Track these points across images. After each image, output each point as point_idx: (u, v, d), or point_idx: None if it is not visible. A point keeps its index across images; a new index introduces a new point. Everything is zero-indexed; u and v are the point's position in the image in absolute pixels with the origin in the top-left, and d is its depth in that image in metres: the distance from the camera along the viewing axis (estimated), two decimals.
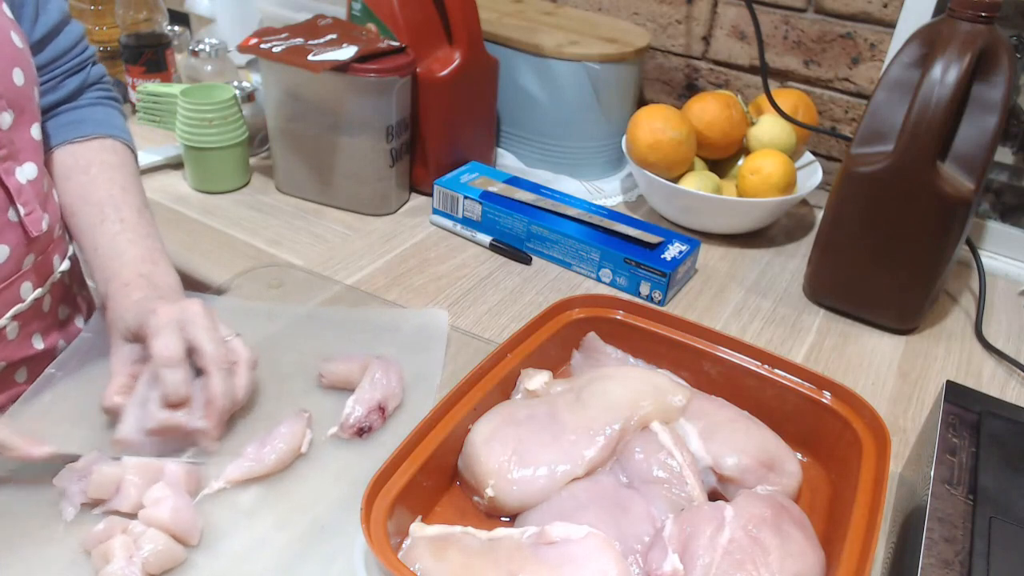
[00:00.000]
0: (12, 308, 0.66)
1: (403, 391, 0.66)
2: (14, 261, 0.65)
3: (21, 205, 0.64)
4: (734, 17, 1.10)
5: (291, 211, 0.97)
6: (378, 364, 0.65)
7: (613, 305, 0.71)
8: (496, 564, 0.49)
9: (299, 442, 0.59)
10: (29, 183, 0.65)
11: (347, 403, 0.62)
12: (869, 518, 0.51)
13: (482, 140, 1.05)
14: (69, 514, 0.53)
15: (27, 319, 0.69)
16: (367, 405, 0.62)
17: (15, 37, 0.64)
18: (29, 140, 0.66)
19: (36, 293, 0.68)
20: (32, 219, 0.65)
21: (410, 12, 0.95)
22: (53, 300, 0.72)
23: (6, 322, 0.66)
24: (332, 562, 0.52)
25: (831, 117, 1.09)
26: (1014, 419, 0.58)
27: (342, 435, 0.62)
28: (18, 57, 0.64)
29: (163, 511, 0.52)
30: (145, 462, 0.55)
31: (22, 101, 0.64)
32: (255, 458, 0.58)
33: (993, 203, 0.99)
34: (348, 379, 0.65)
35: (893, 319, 0.83)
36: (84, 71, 0.77)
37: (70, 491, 0.54)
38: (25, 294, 0.67)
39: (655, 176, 0.95)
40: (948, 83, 0.71)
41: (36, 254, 0.68)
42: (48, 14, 0.72)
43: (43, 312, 0.71)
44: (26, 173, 0.65)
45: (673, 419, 0.61)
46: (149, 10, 1.13)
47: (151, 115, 1.01)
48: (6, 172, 0.63)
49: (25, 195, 0.65)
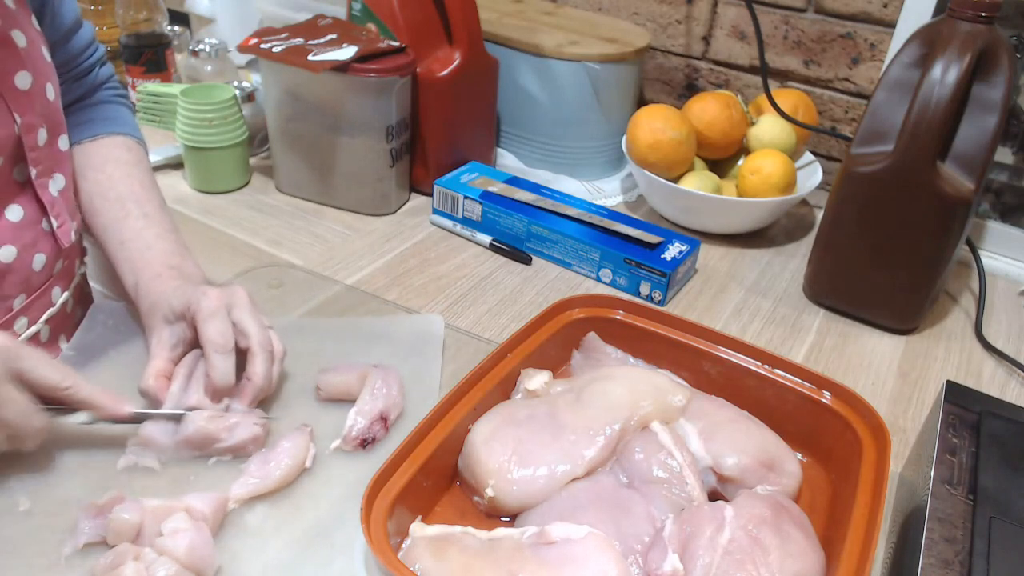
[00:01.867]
0: (46, 312, 0.68)
1: (404, 399, 0.65)
2: (48, 269, 0.67)
3: (54, 217, 0.66)
4: (734, 17, 1.10)
5: (291, 211, 0.97)
6: (377, 373, 0.64)
7: (613, 305, 0.71)
8: (496, 564, 0.49)
9: (303, 456, 0.58)
10: (60, 194, 0.67)
11: (349, 415, 0.61)
12: (869, 518, 0.51)
13: (482, 140, 1.05)
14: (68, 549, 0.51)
15: (56, 323, 0.70)
16: (369, 416, 0.61)
17: (45, 52, 0.65)
18: (59, 152, 0.67)
19: (64, 297, 0.70)
20: (63, 231, 0.67)
21: (410, 12, 0.95)
22: (74, 302, 0.74)
23: (40, 327, 0.68)
24: (332, 562, 0.52)
25: (831, 117, 1.09)
26: (1014, 419, 0.58)
27: (345, 447, 0.60)
28: (49, 72, 0.65)
29: (180, 545, 0.49)
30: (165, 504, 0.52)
31: (54, 115, 0.66)
32: (260, 475, 0.56)
33: (993, 203, 0.99)
34: (347, 390, 0.64)
35: (893, 319, 0.83)
36: (94, 72, 0.78)
37: (81, 526, 0.52)
38: (55, 298, 0.69)
39: (655, 176, 0.95)
40: (948, 83, 0.71)
41: (63, 260, 0.70)
42: (62, 16, 0.72)
43: (67, 314, 0.73)
44: (57, 184, 0.67)
45: (673, 419, 0.61)
46: (149, 10, 1.13)
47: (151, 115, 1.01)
48: (41, 187, 0.65)
49: (57, 207, 0.66)
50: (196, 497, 0.53)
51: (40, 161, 0.64)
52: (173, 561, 0.49)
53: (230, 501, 0.55)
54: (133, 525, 0.51)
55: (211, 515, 0.52)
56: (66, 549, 0.51)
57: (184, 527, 0.50)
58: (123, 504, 0.52)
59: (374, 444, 0.61)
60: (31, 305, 0.67)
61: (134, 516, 0.51)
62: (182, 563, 0.49)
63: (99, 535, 0.51)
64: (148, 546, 0.50)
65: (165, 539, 0.50)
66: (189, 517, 0.51)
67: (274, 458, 0.57)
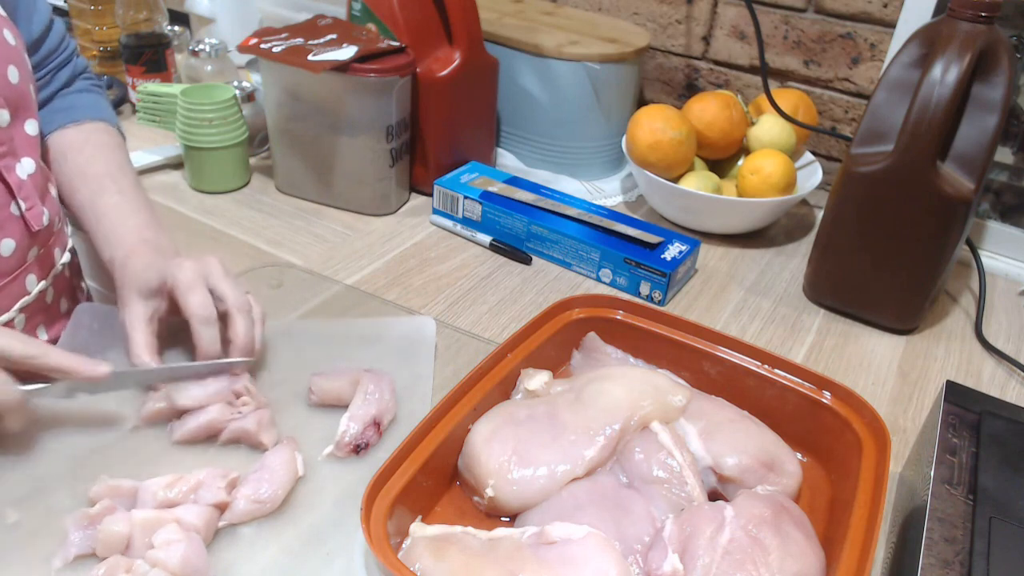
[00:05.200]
0: (19, 300, 0.68)
1: (396, 404, 0.64)
2: (19, 254, 0.67)
3: (22, 200, 0.66)
4: (734, 17, 1.10)
5: (291, 211, 0.97)
6: (369, 378, 0.63)
7: (613, 305, 0.71)
8: (496, 564, 0.49)
9: (294, 468, 0.57)
10: (29, 177, 0.67)
11: (341, 420, 0.60)
12: (869, 518, 0.51)
13: (482, 140, 1.05)
14: (58, 563, 0.50)
15: (33, 311, 0.70)
16: (362, 421, 0.60)
17: (8, 35, 0.65)
18: (26, 136, 0.68)
19: (40, 285, 0.70)
20: (33, 214, 0.67)
21: (410, 12, 0.94)
22: (56, 292, 0.74)
23: (14, 314, 0.67)
24: (332, 562, 0.52)
25: (831, 117, 1.09)
26: (1014, 419, 0.58)
27: (338, 453, 0.59)
28: (11, 54, 0.65)
29: (173, 556, 0.48)
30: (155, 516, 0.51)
31: (17, 98, 0.66)
32: (255, 499, 0.54)
33: (993, 203, 0.99)
34: (339, 395, 0.63)
35: (893, 319, 0.83)
36: (72, 63, 0.81)
37: (71, 538, 0.51)
38: (31, 286, 0.69)
39: (655, 176, 0.95)
40: (948, 83, 0.71)
41: (39, 247, 0.69)
42: (40, 12, 0.75)
43: (47, 304, 0.72)
44: (25, 168, 0.67)
45: (673, 419, 0.61)
46: (149, 10, 1.13)
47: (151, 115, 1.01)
48: (7, 168, 0.65)
49: (25, 190, 0.66)
50: (186, 509, 0.52)
51: (2, 142, 0.64)
52: (166, 573, 0.48)
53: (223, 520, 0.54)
54: (123, 536, 0.50)
55: (203, 527, 0.52)
56: (56, 562, 0.50)
57: (176, 538, 0.50)
58: (113, 515, 0.51)
59: (367, 450, 0.60)
60: (1, 292, 0.66)
61: (123, 527, 0.50)
62: (176, 574, 0.48)
63: (89, 547, 0.50)
64: (139, 558, 0.49)
65: (157, 551, 0.49)
66: (180, 528, 0.50)
67: (266, 478, 0.55)
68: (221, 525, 0.53)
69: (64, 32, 0.80)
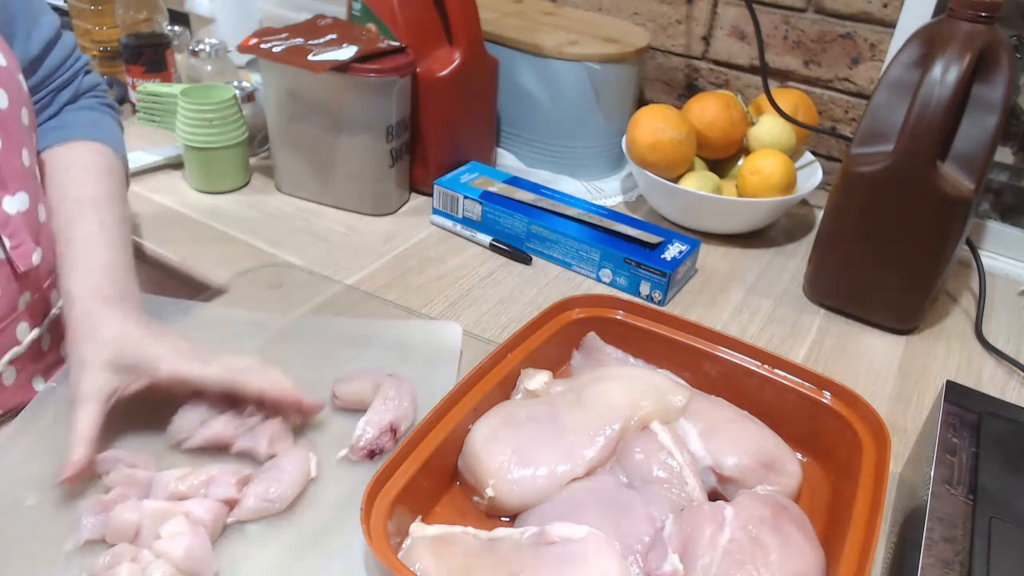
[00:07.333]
0: (8, 352, 0.62)
1: (415, 411, 0.63)
2: (6, 302, 0.61)
3: (6, 237, 0.59)
4: (734, 17, 1.10)
5: (291, 211, 0.97)
6: (391, 383, 0.63)
7: (613, 305, 0.71)
8: (496, 564, 0.49)
9: (307, 470, 0.57)
10: (20, 214, 0.61)
11: (358, 424, 0.60)
12: (869, 518, 0.51)
13: (482, 140, 1.05)
14: (70, 545, 0.51)
15: (24, 363, 0.64)
16: (378, 427, 0.60)
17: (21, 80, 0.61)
18: (19, 167, 0.61)
19: (33, 334, 0.64)
20: (20, 252, 0.60)
21: (410, 12, 0.94)
22: (52, 339, 0.68)
23: (2, 367, 0.62)
24: (331, 568, 0.52)
25: (831, 117, 1.09)
26: (1014, 419, 0.58)
27: (352, 457, 0.59)
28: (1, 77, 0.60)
29: (177, 548, 0.49)
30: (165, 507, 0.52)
31: (7, 124, 0.60)
32: (265, 498, 0.54)
33: (993, 203, 0.99)
34: (361, 399, 0.63)
35: (893, 319, 0.83)
36: (76, 82, 0.74)
37: (84, 523, 0.51)
38: (22, 336, 0.63)
39: (655, 176, 0.95)
40: (948, 83, 0.71)
41: (31, 292, 0.63)
42: (40, 29, 0.68)
43: (42, 352, 0.67)
44: (16, 204, 0.61)
45: (673, 419, 0.61)
46: (149, 10, 1.13)
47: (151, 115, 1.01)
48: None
49: (12, 226, 0.60)
50: (196, 503, 0.53)
51: None
52: (169, 564, 0.49)
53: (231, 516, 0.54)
54: (133, 525, 0.51)
55: (211, 522, 0.52)
56: (67, 545, 0.51)
57: (182, 530, 0.50)
58: (125, 503, 0.52)
59: (382, 455, 0.59)
60: None
61: (134, 516, 0.51)
62: (178, 567, 0.49)
63: (101, 533, 0.51)
64: (147, 548, 0.50)
65: (163, 542, 0.50)
66: (187, 521, 0.51)
67: (276, 479, 0.55)
68: (229, 521, 0.54)
69: (72, 48, 0.73)
